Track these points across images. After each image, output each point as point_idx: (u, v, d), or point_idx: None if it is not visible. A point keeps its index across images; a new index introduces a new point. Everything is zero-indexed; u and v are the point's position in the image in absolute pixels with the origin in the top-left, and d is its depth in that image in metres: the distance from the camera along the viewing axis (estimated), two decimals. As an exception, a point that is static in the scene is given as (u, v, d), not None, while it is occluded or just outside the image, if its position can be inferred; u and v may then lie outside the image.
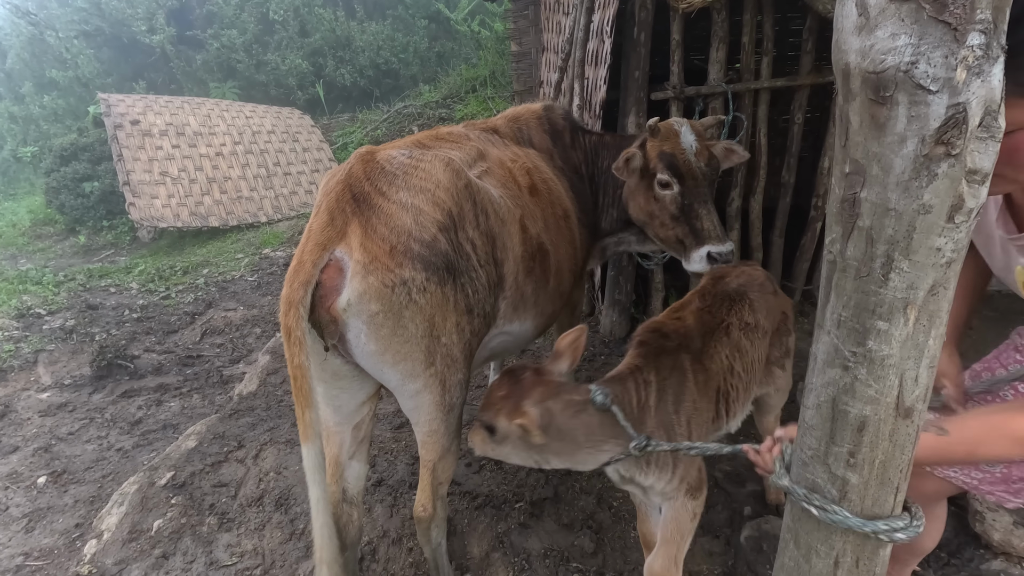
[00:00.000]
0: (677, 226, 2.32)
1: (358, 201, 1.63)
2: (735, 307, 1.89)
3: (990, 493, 1.51)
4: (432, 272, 1.61)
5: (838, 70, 0.87)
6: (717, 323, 1.84)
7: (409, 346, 1.63)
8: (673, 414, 1.63)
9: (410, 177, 1.71)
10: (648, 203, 2.38)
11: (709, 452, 1.39)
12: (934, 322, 0.89)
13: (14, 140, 12.06)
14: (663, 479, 1.61)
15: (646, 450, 1.45)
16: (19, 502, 2.97)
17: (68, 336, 4.87)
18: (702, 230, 2.26)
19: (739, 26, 3.34)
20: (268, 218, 8.22)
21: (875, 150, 0.84)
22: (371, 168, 1.71)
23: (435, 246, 1.63)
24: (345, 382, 1.80)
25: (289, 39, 11.73)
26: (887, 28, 0.77)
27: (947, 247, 0.84)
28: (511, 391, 1.51)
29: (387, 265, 1.56)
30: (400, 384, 1.71)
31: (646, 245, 2.71)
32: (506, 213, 1.92)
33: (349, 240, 1.58)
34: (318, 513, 1.62)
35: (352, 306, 1.56)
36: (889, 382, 0.92)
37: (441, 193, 1.71)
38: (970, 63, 0.74)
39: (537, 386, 1.51)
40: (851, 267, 0.91)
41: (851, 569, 1.07)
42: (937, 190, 0.80)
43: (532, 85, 7.39)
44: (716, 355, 1.78)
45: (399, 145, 1.93)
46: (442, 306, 1.65)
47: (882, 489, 0.99)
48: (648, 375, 1.64)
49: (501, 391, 1.53)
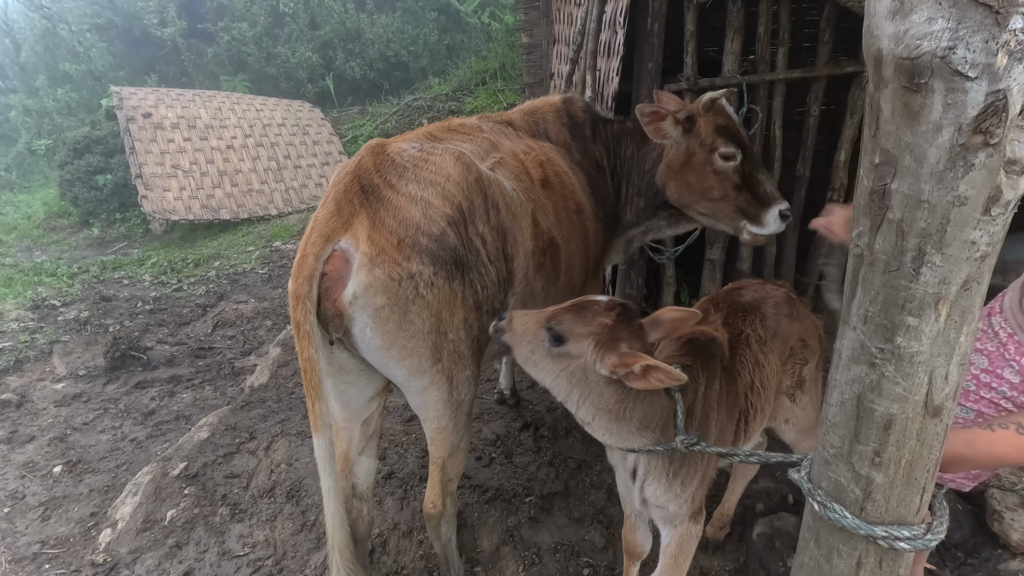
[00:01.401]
0: (739, 195, 2.33)
1: (367, 193, 1.61)
2: (748, 319, 1.78)
3: (952, 480, 1.57)
4: (440, 266, 1.59)
5: (869, 57, 0.84)
6: (737, 335, 1.73)
7: (415, 341, 1.62)
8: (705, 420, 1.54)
9: (420, 170, 1.69)
10: (704, 178, 2.32)
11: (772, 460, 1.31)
12: (966, 318, 0.86)
13: (28, 133, 12.17)
14: (679, 498, 1.51)
15: (693, 448, 1.36)
16: (35, 491, 3.00)
17: (82, 327, 4.92)
18: (767, 193, 2.32)
19: (754, 16, 3.27)
20: (279, 211, 8.24)
21: (908, 139, 0.81)
22: (381, 160, 1.68)
23: (444, 240, 1.61)
24: (352, 376, 1.79)
25: (299, 32, 11.72)
26: (923, 12, 0.74)
27: (982, 240, 0.81)
28: (613, 323, 1.34)
29: (394, 258, 1.54)
30: (406, 380, 1.70)
31: (679, 227, 2.63)
32: (518, 207, 1.89)
33: (356, 231, 1.57)
34: (329, 501, 1.64)
35: (358, 299, 1.54)
36: (918, 379, 0.89)
37: (451, 187, 1.68)
38: (1012, 48, 0.71)
39: (638, 339, 1.36)
40: (880, 261, 0.88)
41: (874, 570, 1.04)
42: (973, 181, 0.77)
43: (543, 77, 7.33)
44: (741, 369, 1.67)
45: (410, 137, 1.90)
46: (450, 301, 1.63)
47: (908, 489, 0.97)
48: (699, 375, 1.54)
49: (600, 315, 1.35)
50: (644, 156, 2.49)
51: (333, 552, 1.68)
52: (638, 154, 2.50)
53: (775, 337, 1.79)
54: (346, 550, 1.69)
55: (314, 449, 1.62)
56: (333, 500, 1.64)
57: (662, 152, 2.43)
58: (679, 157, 2.35)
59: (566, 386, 1.39)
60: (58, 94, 12.05)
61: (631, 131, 2.54)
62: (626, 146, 2.52)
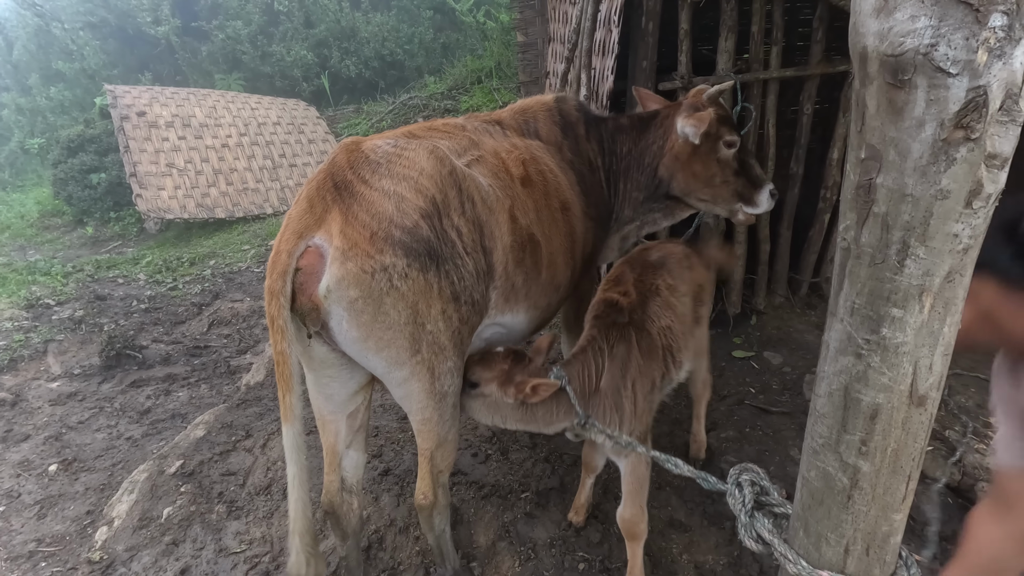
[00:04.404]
0: (738, 179, 2.51)
1: (339, 189, 1.62)
2: (659, 272, 2.21)
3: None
4: (414, 258, 1.60)
5: (855, 54, 0.85)
6: (648, 288, 2.15)
7: (392, 333, 1.63)
8: (620, 379, 1.93)
9: (393, 165, 1.69)
10: (709, 167, 2.47)
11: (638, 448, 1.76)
12: (950, 309, 0.88)
13: (21, 132, 12.11)
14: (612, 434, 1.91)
15: (585, 427, 1.87)
16: (31, 489, 3.00)
17: (77, 326, 4.91)
18: (759, 176, 2.55)
19: (748, 15, 3.30)
20: (274, 209, 8.23)
21: (892, 135, 0.82)
22: (355, 157, 1.69)
23: (417, 232, 1.61)
24: (334, 370, 1.81)
25: (294, 30, 11.70)
26: (906, 10, 0.76)
27: (964, 233, 0.83)
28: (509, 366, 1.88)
29: (367, 251, 1.55)
30: (386, 372, 1.71)
31: (675, 217, 2.72)
32: (494, 202, 1.90)
33: (329, 227, 1.58)
34: (293, 488, 1.71)
35: (332, 292, 1.56)
36: (903, 370, 0.91)
37: (424, 180, 1.68)
38: (992, 45, 0.73)
39: (526, 369, 1.88)
40: (866, 254, 0.90)
41: (861, 556, 1.06)
42: (955, 175, 0.79)
43: (538, 76, 7.35)
44: (656, 318, 2.08)
45: (388, 136, 1.90)
46: (425, 293, 1.64)
47: (894, 478, 0.99)
48: (602, 344, 1.97)
49: (499, 361, 1.89)
50: (643, 151, 2.52)
51: (294, 537, 1.73)
52: (635, 149, 2.53)
53: (680, 283, 2.25)
54: (307, 535, 1.74)
55: (283, 438, 1.67)
56: (298, 487, 1.70)
57: (662, 146, 2.48)
58: (686, 148, 2.43)
59: (489, 415, 1.94)
60: (51, 92, 11.99)
61: (626, 128, 2.56)
62: (622, 143, 2.55)
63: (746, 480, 1.31)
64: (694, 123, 2.32)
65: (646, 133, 2.53)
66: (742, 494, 1.29)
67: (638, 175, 2.55)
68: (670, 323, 2.10)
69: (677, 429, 2.94)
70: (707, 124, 2.31)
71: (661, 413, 2.93)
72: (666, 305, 2.12)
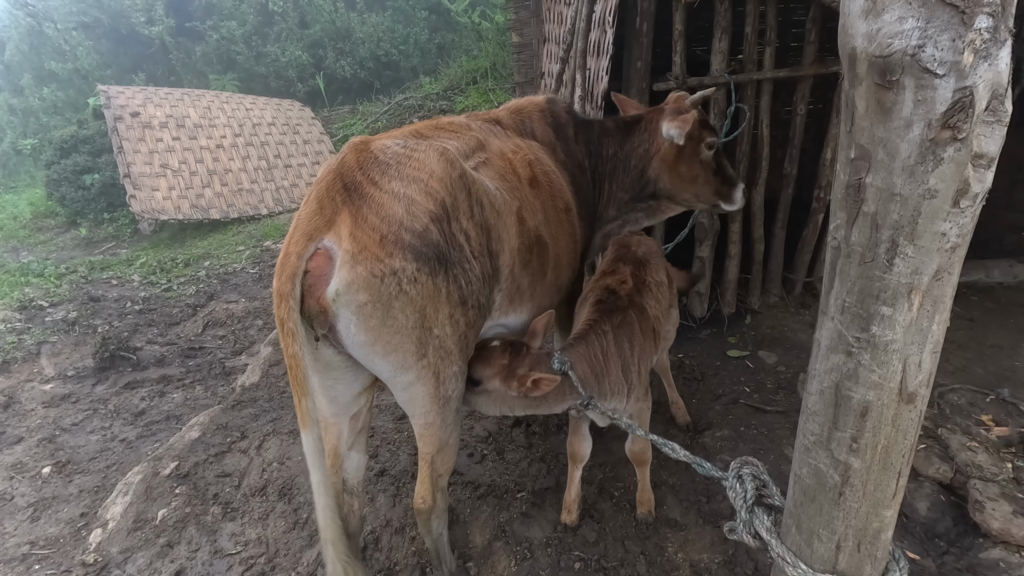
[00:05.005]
0: (716, 178, 2.65)
1: (349, 190, 1.61)
2: (647, 268, 2.42)
3: None
4: (423, 263, 1.59)
5: (844, 55, 0.86)
6: (642, 281, 2.35)
7: (399, 337, 1.62)
8: (628, 355, 2.10)
9: (403, 167, 1.68)
10: (693, 167, 2.59)
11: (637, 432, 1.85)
12: (938, 307, 0.89)
13: (14, 132, 12.03)
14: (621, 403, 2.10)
15: (588, 407, 1.95)
16: (24, 492, 2.98)
17: (70, 328, 4.88)
18: (733, 174, 2.72)
19: (742, 16, 3.32)
20: (269, 210, 8.21)
21: (881, 135, 0.83)
22: (364, 157, 1.68)
23: (427, 236, 1.60)
24: (339, 373, 1.80)
25: (289, 31, 11.67)
26: (894, 11, 0.77)
27: (952, 232, 0.84)
28: (509, 360, 1.90)
29: (376, 255, 1.54)
30: (392, 375, 1.70)
31: (656, 217, 2.82)
32: (502, 205, 1.90)
33: (338, 229, 1.56)
34: (320, 496, 1.64)
35: (340, 296, 1.54)
36: (892, 367, 0.92)
37: (434, 183, 1.67)
38: (977, 46, 0.74)
39: (526, 359, 1.92)
40: (855, 253, 0.91)
41: (852, 553, 1.07)
42: (943, 175, 0.80)
43: (533, 76, 7.36)
44: (649, 305, 2.30)
45: (395, 135, 1.89)
46: (434, 297, 1.63)
47: (884, 474, 1.00)
48: (605, 326, 2.09)
49: (499, 356, 1.91)
50: (628, 153, 2.59)
51: (327, 546, 1.69)
52: (621, 152, 2.60)
53: (661, 275, 2.47)
54: (340, 543, 1.69)
55: (303, 444, 1.62)
56: (324, 494, 1.64)
57: (648, 149, 2.55)
58: (672, 151, 2.50)
59: (497, 407, 1.99)
60: (44, 93, 11.92)
61: (611, 131, 2.62)
62: (607, 146, 2.60)
63: (747, 474, 1.30)
64: (679, 125, 2.38)
65: (631, 137, 2.59)
66: (743, 488, 1.27)
67: (624, 177, 2.61)
68: (659, 314, 2.33)
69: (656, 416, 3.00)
70: (691, 125, 2.37)
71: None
72: (655, 297, 2.36)
